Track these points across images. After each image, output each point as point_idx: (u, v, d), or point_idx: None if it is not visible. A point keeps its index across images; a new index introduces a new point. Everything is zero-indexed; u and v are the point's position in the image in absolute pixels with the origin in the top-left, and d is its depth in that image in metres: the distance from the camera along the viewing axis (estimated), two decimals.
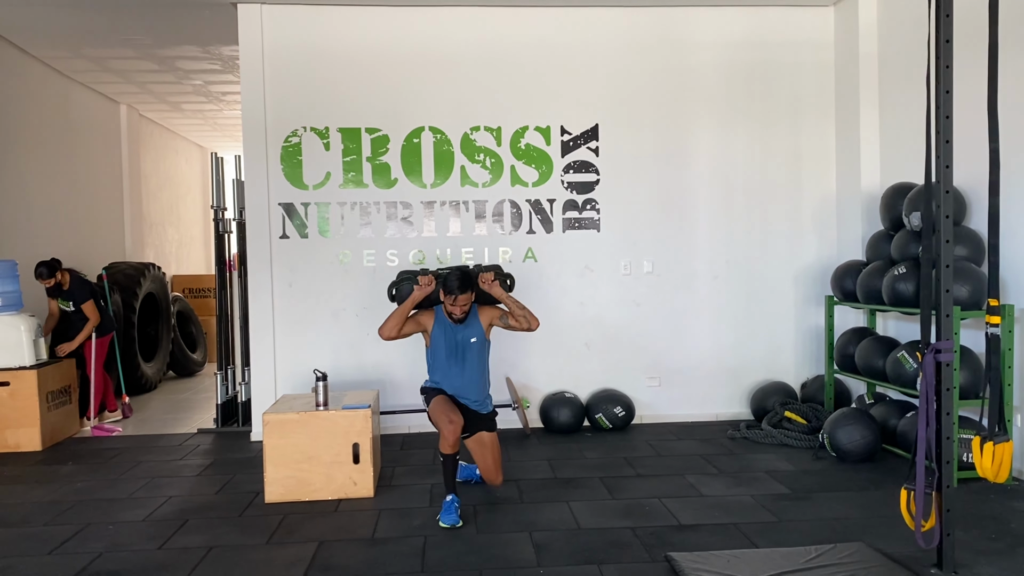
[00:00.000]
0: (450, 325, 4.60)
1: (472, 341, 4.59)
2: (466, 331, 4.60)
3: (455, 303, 4.44)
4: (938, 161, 3.51)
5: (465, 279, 4.44)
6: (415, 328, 4.62)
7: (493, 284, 4.65)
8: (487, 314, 4.67)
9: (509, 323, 4.64)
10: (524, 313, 4.59)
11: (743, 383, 6.75)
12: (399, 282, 4.78)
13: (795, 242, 6.79)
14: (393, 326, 4.51)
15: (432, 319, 4.63)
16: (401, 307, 4.59)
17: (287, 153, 6.45)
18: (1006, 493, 4.61)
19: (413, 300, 4.59)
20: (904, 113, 6.02)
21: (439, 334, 4.61)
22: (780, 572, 3.44)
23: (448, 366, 4.60)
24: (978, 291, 4.86)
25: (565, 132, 6.63)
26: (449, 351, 4.59)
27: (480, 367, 4.65)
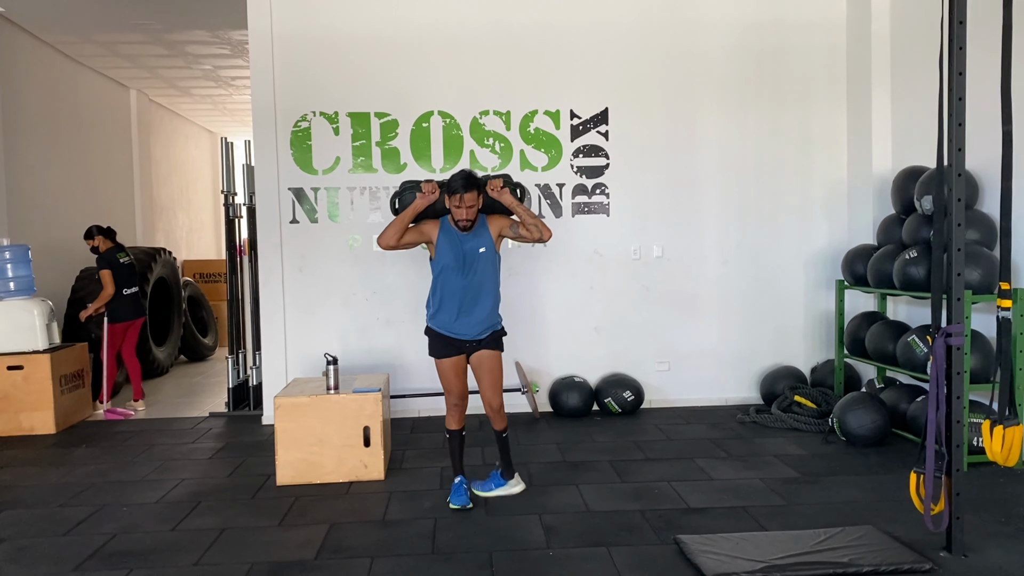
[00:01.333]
0: (456, 234, 4.25)
1: (481, 251, 4.25)
2: (474, 240, 4.25)
3: (461, 203, 4.10)
4: (950, 144, 3.49)
5: (470, 178, 4.14)
6: (417, 237, 4.32)
7: (503, 191, 4.28)
8: (496, 223, 4.34)
9: (520, 233, 4.28)
10: (536, 222, 4.23)
11: (753, 367, 6.75)
12: (402, 191, 4.42)
13: (806, 226, 6.76)
14: (392, 234, 4.20)
15: (437, 228, 4.30)
16: (402, 214, 4.26)
17: (296, 138, 6.45)
18: (1016, 477, 4.60)
19: (415, 208, 4.25)
20: (917, 95, 5.97)
21: (444, 244, 4.26)
22: (789, 555, 3.45)
23: (455, 279, 4.25)
24: (990, 275, 4.84)
25: (575, 116, 6.61)
26: (456, 263, 4.24)
27: (490, 280, 4.31)
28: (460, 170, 4.22)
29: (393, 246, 4.23)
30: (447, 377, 4.34)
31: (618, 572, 3.41)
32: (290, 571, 3.52)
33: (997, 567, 3.39)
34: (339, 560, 3.63)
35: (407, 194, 4.38)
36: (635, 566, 3.47)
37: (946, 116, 3.51)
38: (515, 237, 4.32)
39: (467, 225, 4.19)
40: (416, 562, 3.59)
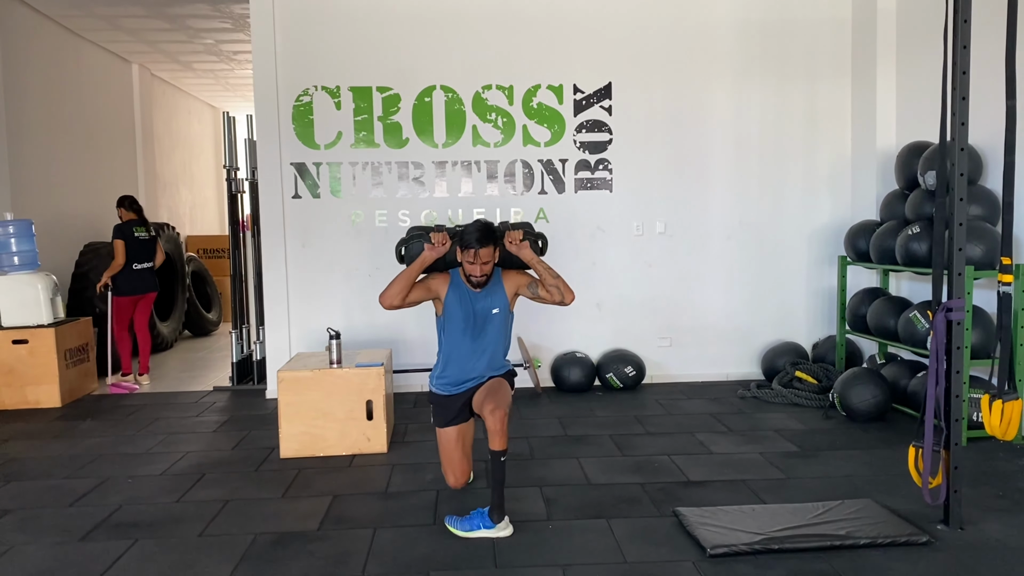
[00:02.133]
0: (468, 292, 3.90)
1: (494, 312, 3.90)
2: (487, 299, 3.90)
3: (475, 260, 3.74)
4: (954, 118, 3.48)
5: (487, 231, 3.74)
6: (424, 295, 3.92)
7: (522, 245, 3.87)
8: (513, 280, 3.95)
9: (539, 293, 3.89)
10: (558, 283, 3.85)
11: (754, 343, 6.77)
12: (408, 240, 4.01)
13: (809, 202, 6.74)
14: (397, 292, 3.81)
15: (447, 284, 3.93)
16: (408, 269, 3.88)
17: (298, 112, 6.43)
18: (1015, 451, 4.63)
19: (423, 261, 3.88)
20: (922, 70, 5.93)
21: (454, 302, 3.90)
22: (787, 527, 3.48)
23: (463, 342, 3.92)
24: (992, 250, 4.84)
25: (578, 91, 6.58)
26: (466, 323, 3.90)
27: (502, 343, 3.98)
28: (475, 221, 3.82)
29: (398, 305, 3.83)
30: (448, 451, 4.03)
31: (617, 544, 3.45)
32: (293, 542, 3.56)
33: (994, 540, 3.42)
34: (342, 531, 3.67)
35: (414, 243, 3.97)
36: (634, 538, 3.50)
37: (950, 90, 3.49)
38: (533, 297, 3.93)
39: (481, 282, 3.82)
40: (418, 533, 3.63)
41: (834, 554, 3.29)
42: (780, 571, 3.15)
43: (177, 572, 3.28)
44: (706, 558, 3.28)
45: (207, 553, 3.46)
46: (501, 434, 3.57)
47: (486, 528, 3.54)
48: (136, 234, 7.03)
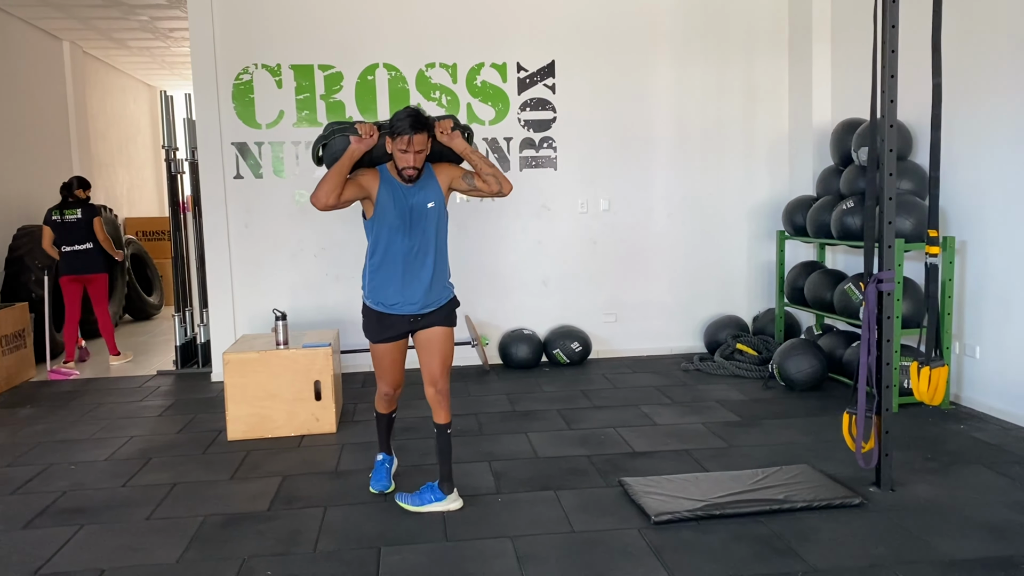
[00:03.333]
0: (400, 186, 3.53)
1: (429, 207, 3.55)
2: (421, 193, 3.55)
3: (409, 147, 3.37)
4: (883, 95, 3.60)
5: (419, 116, 3.39)
6: (356, 192, 3.50)
7: (453, 135, 3.52)
8: (446, 173, 3.63)
9: (475, 184, 3.59)
10: (494, 172, 3.56)
11: (697, 317, 6.92)
12: (328, 136, 3.51)
13: (748, 178, 6.89)
14: (331, 189, 3.37)
15: (377, 180, 3.54)
16: (338, 163, 3.43)
17: (239, 91, 6.33)
18: (943, 416, 4.84)
19: (352, 154, 3.43)
20: (856, 49, 6.09)
21: (387, 198, 3.52)
22: (728, 494, 3.60)
23: (398, 241, 3.56)
24: (922, 224, 5.02)
25: (521, 69, 6.60)
26: (401, 220, 3.54)
27: (438, 242, 3.63)
28: (404, 108, 3.45)
29: (333, 205, 3.40)
30: (382, 365, 3.72)
31: (565, 514, 3.53)
32: (243, 522, 3.56)
33: (923, 500, 3.59)
34: (292, 510, 3.69)
35: (336, 139, 3.51)
36: (581, 508, 3.59)
37: (879, 68, 3.61)
38: (468, 190, 3.63)
39: (414, 175, 3.47)
40: (368, 510, 3.66)
41: (773, 517, 3.42)
42: (722, 535, 3.27)
43: (125, 556, 3.26)
44: (651, 525, 3.38)
45: (155, 536, 3.44)
46: (445, 407, 3.63)
47: (437, 500, 3.60)
48: (54, 217, 6.92)
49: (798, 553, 3.10)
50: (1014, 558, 3.02)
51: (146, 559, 3.22)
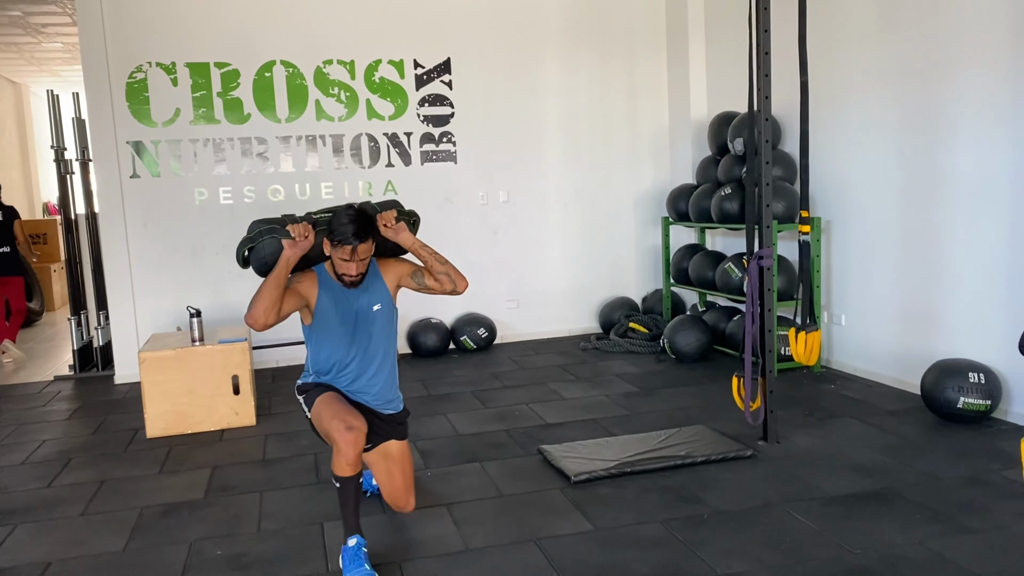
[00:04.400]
0: (341, 290, 3.18)
1: (375, 310, 3.21)
2: (365, 296, 3.20)
3: (352, 257, 3.02)
4: (759, 92, 4.05)
5: (364, 220, 3.03)
6: (296, 303, 3.09)
7: (399, 228, 3.21)
8: (393, 270, 3.30)
9: (426, 283, 3.27)
10: (447, 270, 3.23)
11: (592, 300, 7.34)
12: (254, 237, 3.12)
13: (634, 169, 7.36)
14: (270, 306, 2.95)
15: (315, 285, 3.16)
16: (273, 274, 3.01)
17: (132, 90, 6.26)
18: (816, 378, 5.42)
19: (287, 262, 3.02)
20: (728, 47, 6.62)
21: (327, 304, 3.16)
22: (637, 453, 3.99)
23: (342, 349, 3.19)
24: (793, 206, 5.58)
25: (419, 66, 6.81)
26: (344, 327, 3.18)
27: (388, 346, 3.29)
28: (346, 207, 3.07)
29: (272, 323, 2.97)
30: (335, 407, 3.10)
31: (492, 481, 3.82)
32: (182, 511, 3.67)
33: (803, 449, 4.08)
34: (229, 497, 3.82)
35: (267, 240, 3.09)
36: (507, 475, 3.89)
37: (755, 68, 4.06)
38: (419, 288, 3.31)
39: (355, 284, 3.12)
40: (304, 492, 3.84)
41: (677, 471, 3.82)
42: (634, 489, 3.64)
43: (68, 549, 3.32)
44: (571, 485, 3.72)
45: (95, 529, 3.51)
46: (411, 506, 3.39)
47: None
48: None
49: (701, 499, 3.51)
50: (881, 491, 3.52)
51: (91, 550, 3.30)
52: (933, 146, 4.74)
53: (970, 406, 4.25)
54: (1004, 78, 4.25)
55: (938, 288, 4.78)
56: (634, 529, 3.24)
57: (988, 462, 3.77)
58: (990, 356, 4.40)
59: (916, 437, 4.18)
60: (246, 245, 3.14)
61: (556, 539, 3.19)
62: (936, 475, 3.65)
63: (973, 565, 2.83)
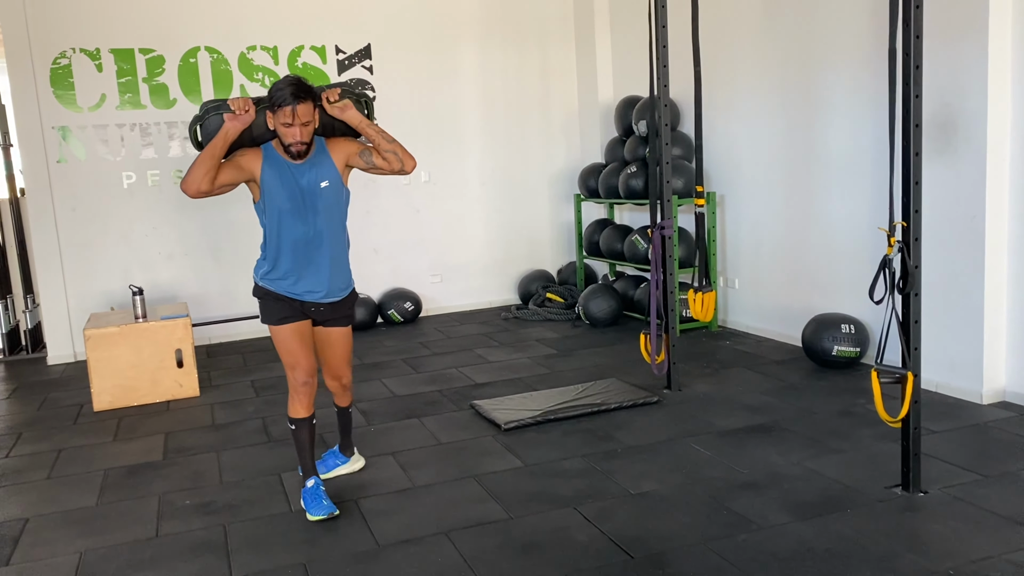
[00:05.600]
0: (288, 165, 3.18)
1: (324, 186, 3.22)
2: (312, 171, 3.21)
3: (293, 120, 3.03)
4: (659, 80, 4.56)
5: (301, 84, 3.05)
6: (235, 175, 3.16)
7: (345, 104, 3.18)
8: (341, 148, 3.28)
9: (374, 162, 3.24)
10: (395, 148, 3.23)
11: (510, 273, 7.82)
12: (203, 116, 3.17)
13: (547, 149, 7.85)
14: (203, 175, 3.03)
15: (259, 160, 3.19)
16: (210, 145, 3.08)
17: (57, 75, 6.36)
18: (713, 336, 6.04)
19: (226, 135, 3.08)
20: (631, 36, 7.15)
21: (273, 179, 3.18)
22: (559, 404, 4.49)
23: (292, 226, 3.23)
24: (690, 182, 6.16)
25: (340, 51, 7.10)
26: (293, 202, 3.20)
27: (338, 223, 3.34)
28: (285, 76, 3.12)
29: (206, 191, 3.06)
30: (290, 348, 3.33)
31: (431, 432, 4.26)
32: (145, 471, 3.97)
33: (701, 394, 4.66)
34: (188, 457, 4.13)
35: (211, 118, 3.17)
36: (444, 428, 4.33)
37: (655, 59, 4.57)
38: (367, 167, 3.29)
39: (302, 150, 3.13)
40: (258, 450, 4.19)
41: (594, 417, 4.34)
42: (557, 433, 4.14)
43: (41, 506, 3.60)
44: (502, 432, 4.19)
45: (64, 489, 3.78)
46: (349, 394, 3.70)
47: (343, 464, 3.76)
48: None
49: (615, 438, 4.03)
50: (766, 424, 4.12)
51: (65, 506, 3.59)
52: (811, 126, 5.37)
53: (843, 353, 4.91)
54: (868, 67, 4.88)
55: (816, 251, 5.44)
56: (559, 463, 3.74)
57: (855, 399, 4.42)
58: (860, 310, 5.06)
59: (797, 381, 4.82)
60: (195, 123, 3.19)
61: (492, 475, 3.66)
62: (812, 410, 4.28)
63: (838, 476, 3.43)
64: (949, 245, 4.25)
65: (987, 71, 4.01)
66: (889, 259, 3.15)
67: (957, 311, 4.28)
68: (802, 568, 2.72)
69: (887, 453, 3.60)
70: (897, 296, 3.16)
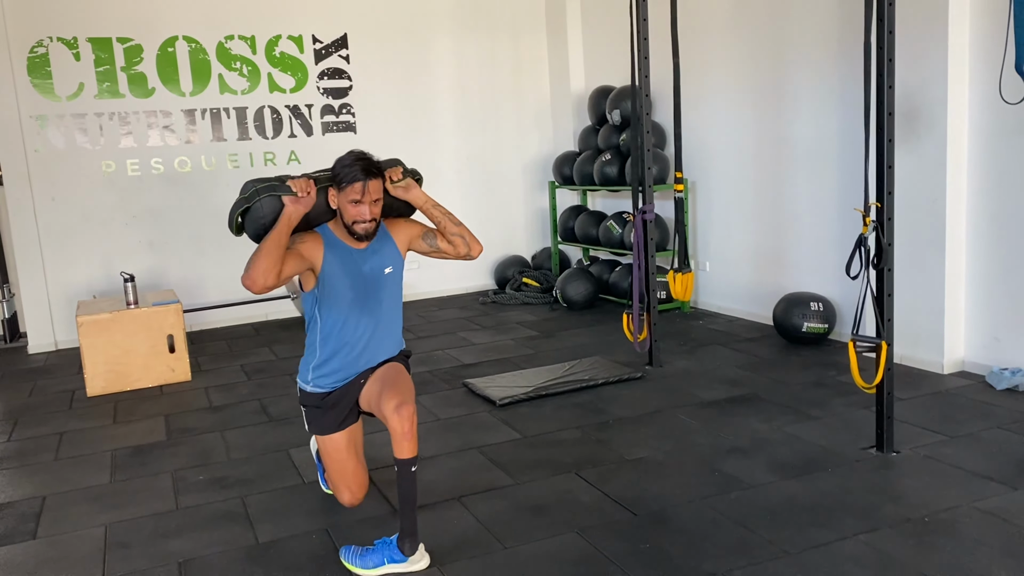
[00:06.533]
0: (349, 250, 2.95)
1: (387, 272, 3.02)
2: (376, 257, 2.98)
3: (364, 197, 2.82)
4: (640, 72, 4.78)
5: (372, 161, 2.87)
6: (298, 265, 2.86)
7: (410, 184, 3.01)
8: (403, 231, 3.09)
9: (438, 245, 3.10)
10: (462, 232, 3.08)
11: (487, 259, 7.98)
12: (250, 197, 2.84)
13: (521, 138, 8.03)
14: (269, 266, 2.72)
15: (320, 245, 2.91)
16: (275, 232, 2.78)
17: (34, 64, 6.35)
18: (689, 317, 6.31)
19: (289, 219, 2.80)
20: (603, 27, 7.36)
21: (334, 267, 2.92)
22: (549, 380, 4.70)
23: (354, 317, 2.97)
24: (664, 170, 6.40)
25: (317, 41, 7.19)
26: (355, 291, 2.95)
27: (398, 309, 3.14)
28: (348, 152, 2.88)
29: (272, 285, 2.74)
30: (342, 462, 3.10)
31: (428, 409, 4.44)
32: (152, 450, 4.08)
33: (682, 370, 4.91)
34: (192, 437, 4.25)
35: (263, 200, 2.84)
36: (440, 405, 4.51)
37: (636, 52, 4.78)
38: (429, 251, 3.13)
39: (371, 229, 2.89)
40: (260, 429, 4.32)
41: (583, 392, 4.56)
42: (550, 407, 4.35)
43: (56, 485, 3.69)
44: (496, 408, 4.38)
45: (75, 469, 3.88)
46: (411, 437, 2.74)
47: (395, 563, 2.76)
48: None
49: (606, 410, 4.25)
50: (745, 395, 4.38)
51: (80, 484, 3.69)
52: (779, 115, 5.64)
53: (812, 329, 5.20)
54: (833, 60, 5.16)
55: (785, 234, 5.72)
56: (555, 434, 3.95)
57: (826, 371, 4.71)
58: (828, 288, 5.36)
59: (770, 356, 5.10)
60: (241, 206, 2.84)
61: (493, 446, 3.85)
62: (787, 382, 4.55)
63: (816, 440, 3.70)
64: (912, 226, 4.54)
65: (947, 64, 4.30)
66: (864, 237, 3.41)
67: (920, 288, 4.58)
68: (792, 519, 2.97)
69: (860, 419, 3.88)
70: (872, 272, 3.43)
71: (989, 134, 4.30)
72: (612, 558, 2.77)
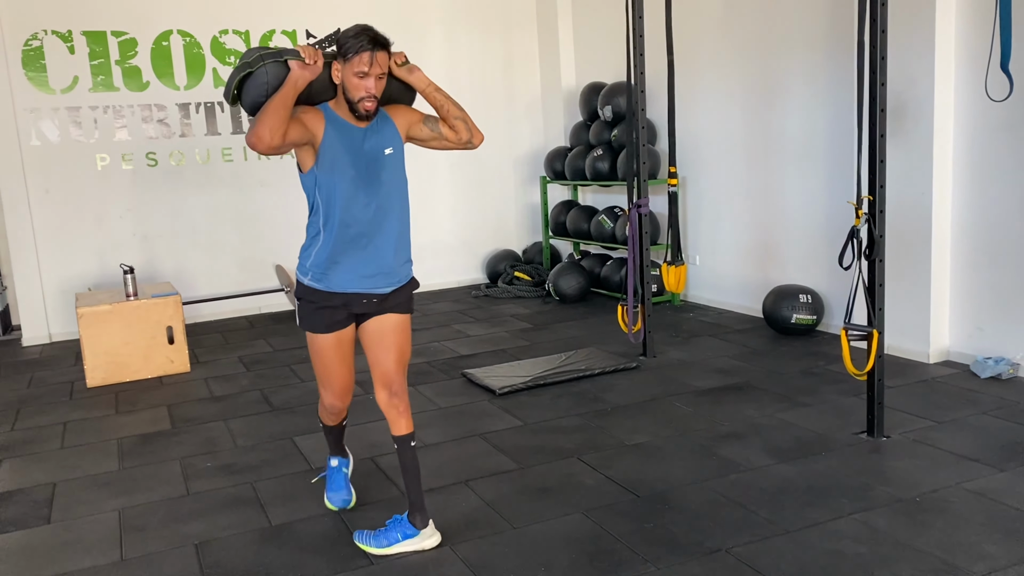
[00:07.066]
0: (349, 129, 2.79)
1: (387, 153, 2.84)
2: (376, 137, 2.83)
3: (371, 70, 2.69)
4: (635, 69, 4.88)
5: (380, 33, 2.75)
6: (301, 134, 2.69)
7: (412, 68, 2.93)
8: (403, 116, 2.95)
9: (440, 131, 2.97)
10: (463, 116, 2.98)
11: (478, 253, 8.08)
12: (253, 62, 2.66)
13: (512, 133, 8.12)
14: (277, 126, 2.56)
15: (322, 119, 2.75)
16: (281, 94, 2.61)
17: (28, 57, 6.36)
18: (680, 309, 6.43)
19: (295, 83, 2.64)
20: (594, 23, 7.46)
21: (335, 143, 2.76)
22: (546, 370, 4.79)
23: (355, 197, 2.78)
24: (655, 164, 6.51)
25: (310, 36, 7.22)
26: (356, 168, 2.78)
27: (401, 197, 2.91)
28: (354, 25, 2.77)
29: (278, 145, 2.59)
30: (328, 364, 2.98)
31: (429, 399, 4.52)
32: (158, 439, 4.14)
33: (675, 360, 5.03)
34: (196, 426, 4.31)
35: (268, 66, 2.65)
36: (441, 395, 4.60)
37: (632, 48, 4.88)
38: (431, 138, 2.99)
39: (373, 107, 2.75)
40: (264, 418, 4.38)
41: (580, 381, 4.66)
42: (549, 396, 4.45)
43: (66, 472, 3.74)
44: (496, 396, 4.48)
45: (83, 457, 3.93)
46: (406, 413, 2.91)
47: (407, 538, 2.87)
48: None
49: (603, 399, 4.36)
50: (738, 384, 4.49)
51: (89, 471, 3.75)
52: (769, 111, 5.76)
53: (801, 321, 5.33)
54: (823, 56, 5.29)
55: (774, 228, 5.85)
56: (556, 422, 4.05)
57: (816, 360, 4.84)
58: (816, 281, 5.49)
59: (761, 347, 5.22)
60: (244, 70, 2.65)
61: (495, 433, 3.95)
62: (778, 371, 4.68)
63: (809, 426, 3.82)
64: (899, 220, 4.67)
65: (934, 62, 4.44)
66: (857, 229, 3.53)
67: (906, 280, 4.72)
68: (789, 499, 3.08)
69: (850, 406, 4.01)
70: (864, 263, 3.55)
71: (975, 130, 4.44)
72: (619, 537, 2.87)
